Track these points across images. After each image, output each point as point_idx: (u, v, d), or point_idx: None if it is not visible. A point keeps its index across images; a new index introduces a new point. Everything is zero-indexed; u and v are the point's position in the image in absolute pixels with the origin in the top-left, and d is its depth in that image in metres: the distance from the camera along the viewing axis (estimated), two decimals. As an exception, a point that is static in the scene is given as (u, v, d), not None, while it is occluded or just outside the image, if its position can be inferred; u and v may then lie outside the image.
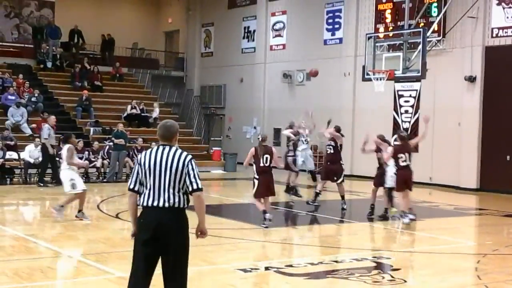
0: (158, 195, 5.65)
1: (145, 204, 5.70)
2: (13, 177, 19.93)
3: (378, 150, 14.11)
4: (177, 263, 5.71)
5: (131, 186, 5.84)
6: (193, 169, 5.70)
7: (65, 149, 12.67)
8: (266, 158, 12.61)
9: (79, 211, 12.80)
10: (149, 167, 5.70)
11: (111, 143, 21.46)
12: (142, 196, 5.75)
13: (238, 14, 30.48)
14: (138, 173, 5.79)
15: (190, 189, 5.67)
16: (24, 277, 8.07)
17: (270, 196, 12.88)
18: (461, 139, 21.13)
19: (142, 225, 5.71)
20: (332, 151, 15.02)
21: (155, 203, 5.64)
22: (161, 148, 5.76)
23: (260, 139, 13.05)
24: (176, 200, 5.65)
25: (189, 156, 5.75)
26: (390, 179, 13.63)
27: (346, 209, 15.14)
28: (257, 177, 12.71)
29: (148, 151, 5.82)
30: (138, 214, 5.83)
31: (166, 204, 5.63)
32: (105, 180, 20.61)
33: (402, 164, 13.10)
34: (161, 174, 5.66)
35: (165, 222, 5.61)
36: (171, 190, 5.64)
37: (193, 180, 5.67)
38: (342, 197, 15.17)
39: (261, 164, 12.63)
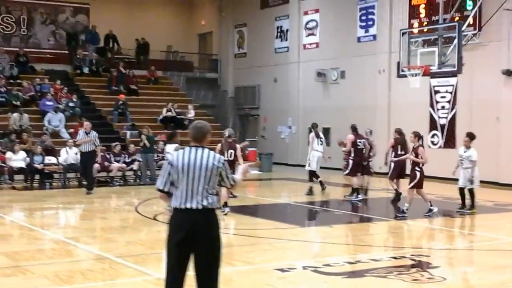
0: (191, 196, 5.68)
1: (177, 206, 5.72)
2: (52, 181, 20.24)
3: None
4: (211, 264, 5.73)
5: (161, 187, 5.85)
6: (226, 170, 5.87)
7: (171, 149, 12.76)
8: (231, 153, 13.99)
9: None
10: (182, 168, 5.72)
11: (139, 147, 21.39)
12: (174, 197, 5.76)
13: (270, 14, 30.49)
14: (169, 173, 5.79)
15: (228, 187, 6.03)
16: (64, 280, 8.19)
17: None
18: (500, 133, 20.80)
19: (175, 227, 5.72)
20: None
21: (188, 205, 5.67)
22: (193, 149, 5.80)
23: (227, 135, 14.26)
24: (209, 201, 5.70)
25: (222, 158, 5.87)
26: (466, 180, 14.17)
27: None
28: None
29: (180, 152, 5.84)
30: (170, 215, 5.86)
31: (200, 206, 5.66)
32: (142, 183, 20.76)
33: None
34: (194, 175, 5.69)
35: (199, 223, 5.64)
36: (204, 193, 5.69)
37: (227, 180, 5.90)
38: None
39: (225, 158, 13.45)
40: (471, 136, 14.41)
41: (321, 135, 18.26)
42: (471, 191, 14.29)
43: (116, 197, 18.20)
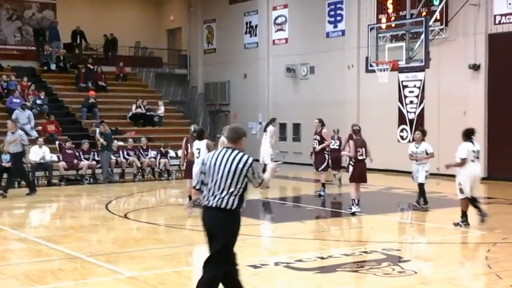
0: (213, 195, 5.98)
1: (203, 203, 6.10)
2: (21, 180, 19.94)
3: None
4: (217, 248, 6.06)
5: (195, 185, 6.26)
6: (252, 171, 6.04)
7: (203, 145, 13.22)
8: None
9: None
10: (209, 168, 6.04)
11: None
12: (202, 195, 6.11)
13: (239, 10, 30.43)
14: (201, 172, 6.15)
15: (256, 186, 6.15)
16: (35, 280, 8.10)
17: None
18: (467, 127, 21.00)
19: (202, 225, 6.15)
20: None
21: (209, 203, 5.99)
22: (224, 150, 6.09)
23: (192, 130, 14.48)
24: (226, 201, 5.94)
25: (250, 160, 6.04)
26: (423, 175, 13.93)
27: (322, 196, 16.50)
28: (184, 162, 14.74)
29: (213, 152, 6.19)
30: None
31: (216, 205, 5.95)
32: (101, 182, 20.22)
33: (360, 158, 13.49)
34: (218, 175, 5.97)
35: (215, 222, 5.97)
36: (224, 192, 5.94)
37: (254, 180, 6.08)
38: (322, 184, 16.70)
39: (189, 151, 14.32)
40: (423, 132, 14.35)
41: (267, 129, 18.65)
42: (421, 186, 14.11)
43: (86, 195, 18.04)
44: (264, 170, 18.09)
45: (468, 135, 12.02)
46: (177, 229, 12.17)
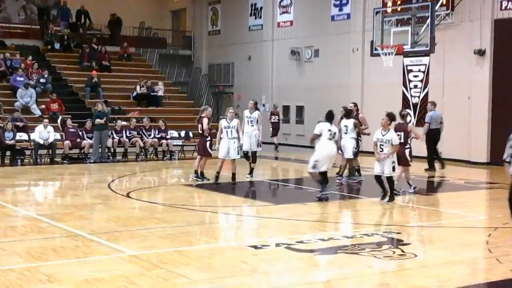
0: None
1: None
2: (24, 158, 20.02)
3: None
4: None
5: (505, 158, 6.96)
6: None
7: (351, 123, 15.07)
8: (200, 126, 15.38)
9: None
10: None
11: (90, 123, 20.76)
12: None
13: (244, -9, 30.30)
14: (509, 146, 6.81)
15: None
16: (36, 257, 8.14)
17: (202, 156, 15.48)
18: (471, 113, 21.02)
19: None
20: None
21: None
22: None
23: (201, 109, 15.83)
24: None
25: None
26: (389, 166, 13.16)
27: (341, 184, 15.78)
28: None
29: None
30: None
31: None
32: (91, 162, 20.05)
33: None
34: None
35: None
36: None
37: None
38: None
39: (199, 131, 15.59)
40: (391, 117, 12.97)
41: (254, 114, 16.60)
42: (390, 179, 12.91)
43: (89, 174, 18.09)
44: (254, 159, 17.39)
45: (328, 116, 12.92)
46: (178, 209, 12.19)
